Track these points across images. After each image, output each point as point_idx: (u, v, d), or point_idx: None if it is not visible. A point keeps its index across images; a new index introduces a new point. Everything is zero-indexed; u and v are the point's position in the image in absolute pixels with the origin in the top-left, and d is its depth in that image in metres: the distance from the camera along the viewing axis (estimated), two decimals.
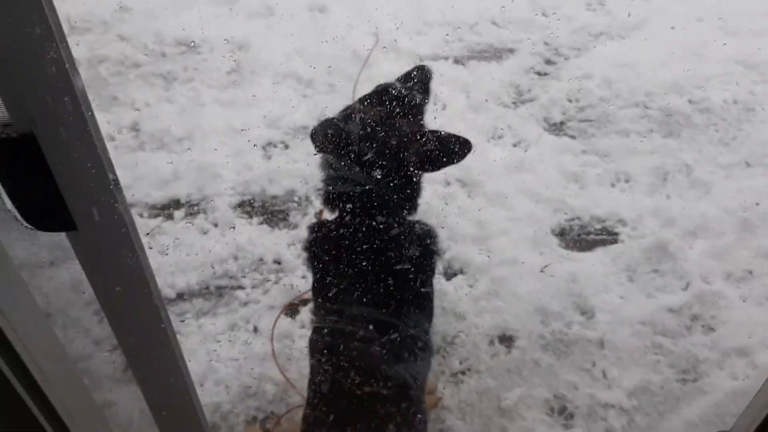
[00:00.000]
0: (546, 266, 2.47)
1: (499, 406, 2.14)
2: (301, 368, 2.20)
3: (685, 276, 2.47)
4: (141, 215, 2.66)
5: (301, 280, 2.45)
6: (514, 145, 2.96)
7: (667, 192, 2.77)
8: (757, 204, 2.63)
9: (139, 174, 2.77)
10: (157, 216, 2.66)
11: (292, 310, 2.39)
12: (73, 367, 1.16)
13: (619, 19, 3.59)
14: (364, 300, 1.60)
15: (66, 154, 0.66)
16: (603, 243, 2.61)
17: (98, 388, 2.16)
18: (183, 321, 2.34)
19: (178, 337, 2.22)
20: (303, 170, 2.83)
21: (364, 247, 1.59)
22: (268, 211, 2.71)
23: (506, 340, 2.31)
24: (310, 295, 2.34)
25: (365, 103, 1.69)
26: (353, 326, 1.59)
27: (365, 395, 1.55)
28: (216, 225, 2.63)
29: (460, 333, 2.33)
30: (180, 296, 2.42)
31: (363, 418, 1.56)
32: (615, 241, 2.61)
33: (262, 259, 2.53)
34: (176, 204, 2.71)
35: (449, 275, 2.48)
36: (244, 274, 2.48)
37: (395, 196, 1.62)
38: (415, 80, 1.76)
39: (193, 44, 3.36)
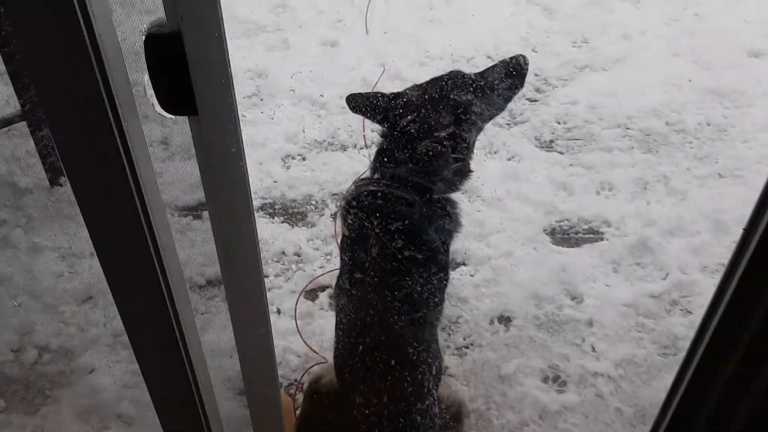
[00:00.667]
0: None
1: (499, 375, 2.38)
2: (321, 341, 2.45)
3: (664, 268, 2.74)
4: (173, 215, 2.93)
5: (318, 269, 2.72)
6: (509, 159, 3.28)
7: (647, 198, 3.07)
8: (728, 209, 2.93)
9: (169, 180, 3.05)
10: (186, 215, 2.94)
11: (311, 294, 2.65)
12: None
13: (602, 55, 3.97)
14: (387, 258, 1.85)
15: (202, 50, 0.94)
16: (590, 240, 2.90)
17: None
18: (212, 301, 2.59)
19: (209, 316, 2.48)
20: (319, 178, 3.13)
21: (397, 209, 1.85)
22: (288, 212, 3.00)
23: (504, 320, 2.57)
24: (325, 279, 2.63)
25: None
26: (376, 277, 1.84)
27: (385, 333, 1.80)
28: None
29: (463, 314, 2.58)
30: (209, 282, 2.68)
31: (384, 355, 1.80)
32: (601, 239, 2.90)
33: (283, 252, 2.79)
34: (204, 206, 2.99)
35: (453, 266, 2.75)
36: (268, 264, 2.75)
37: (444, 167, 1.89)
38: (513, 67, 2.05)
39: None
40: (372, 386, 1.78)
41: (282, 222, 2.94)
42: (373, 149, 2.04)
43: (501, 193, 3.04)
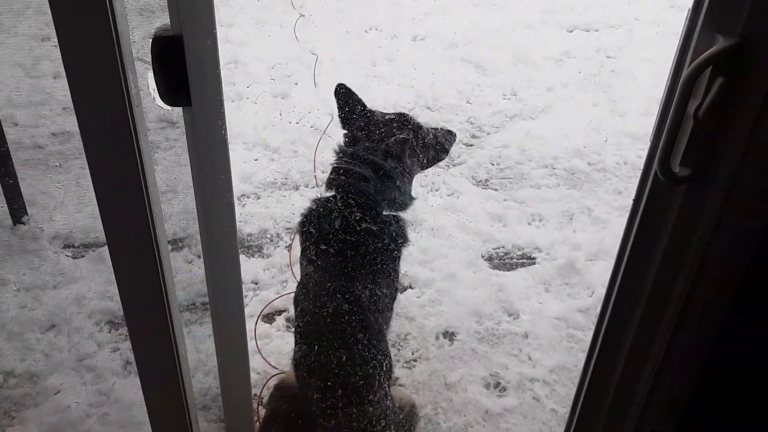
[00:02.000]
0: None
1: (445, 383, 2.58)
2: (279, 359, 2.61)
3: (590, 286, 3.03)
4: None
5: (274, 295, 2.90)
6: (449, 195, 3.56)
7: (573, 227, 3.39)
8: None
9: None
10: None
11: (269, 317, 2.81)
12: None
13: (530, 105, 4.37)
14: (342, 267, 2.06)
15: (198, 50, 1.17)
16: (523, 264, 3.17)
17: (103, 381, 2.50)
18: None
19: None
20: (273, 214, 3.34)
21: (351, 233, 2.06)
22: (245, 245, 3.18)
23: (449, 335, 2.79)
24: (282, 303, 2.81)
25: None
26: (331, 285, 2.04)
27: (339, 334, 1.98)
28: (199, 256, 3.07)
29: (411, 331, 2.79)
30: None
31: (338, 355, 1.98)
32: (533, 263, 3.18)
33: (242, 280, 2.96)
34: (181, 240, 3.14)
35: (401, 289, 2.97)
36: None
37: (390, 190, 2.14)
38: (441, 136, 2.37)
39: (174, 123, 3.91)
40: (327, 373, 1.94)
41: (239, 254, 3.11)
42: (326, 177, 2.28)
43: (443, 224, 3.31)
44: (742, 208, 1.07)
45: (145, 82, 1.23)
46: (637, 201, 1.20)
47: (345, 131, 2.26)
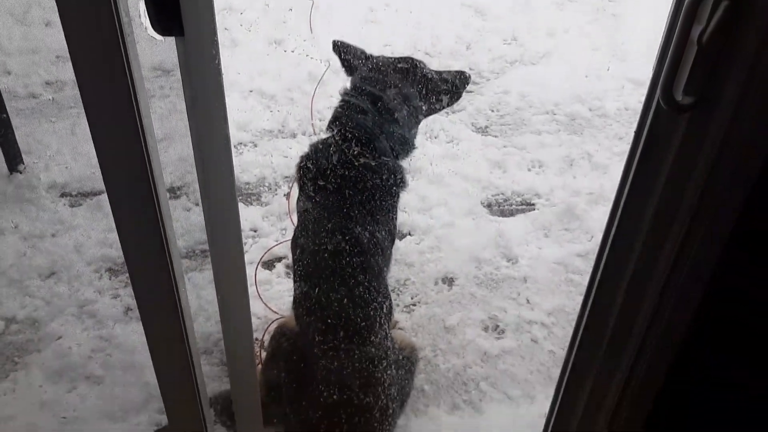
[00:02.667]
0: None
1: (444, 327, 2.60)
2: (279, 305, 2.62)
3: (590, 231, 3.03)
4: None
5: (273, 242, 2.90)
6: (448, 142, 3.54)
7: (573, 173, 3.37)
8: None
9: None
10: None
11: (268, 264, 2.82)
12: None
13: (530, 50, 4.30)
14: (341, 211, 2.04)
15: None
16: (523, 210, 3.17)
17: (104, 326, 2.51)
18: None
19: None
20: (271, 162, 3.32)
21: (349, 168, 2.04)
22: (243, 193, 3.17)
23: (448, 280, 2.80)
24: (281, 250, 2.81)
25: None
26: (330, 224, 2.03)
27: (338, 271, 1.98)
28: (197, 204, 3.06)
29: (410, 277, 2.80)
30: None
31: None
32: (533, 209, 3.17)
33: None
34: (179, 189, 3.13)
35: (401, 236, 2.97)
36: None
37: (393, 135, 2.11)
38: (452, 78, 2.30)
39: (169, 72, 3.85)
40: (328, 312, 1.95)
41: (238, 202, 3.10)
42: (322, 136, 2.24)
43: (442, 172, 3.29)
44: (744, 137, 1.05)
45: (137, 12, 1.19)
46: (638, 132, 1.18)
47: (350, 78, 2.24)
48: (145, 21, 1.19)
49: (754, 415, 1.64)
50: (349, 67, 2.23)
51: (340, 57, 2.23)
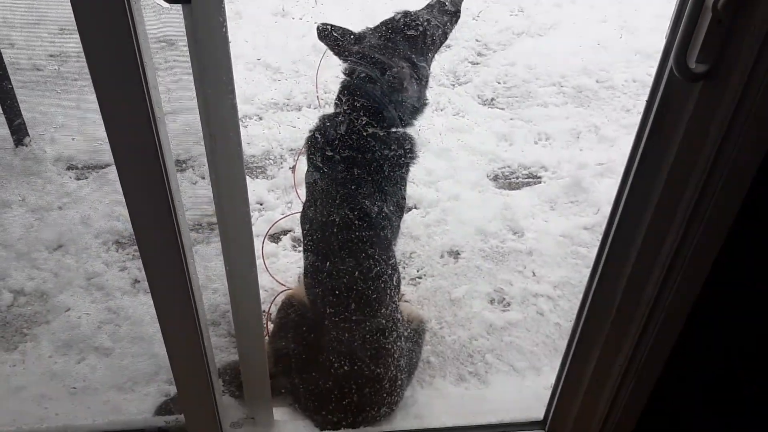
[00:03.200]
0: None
1: (450, 299, 2.61)
2: (285, 277, 2.63)
3: (596, 204, 3.02)
4: None
5: (279, 215, 2.90)
6: (454, 115, 3.52)
7: (580, 146, 3.35)
8: None
9: None
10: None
11: (275, 237, 2.83)
12: None
13: (537, 22, 4.25)
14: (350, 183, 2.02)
15: None
16: (529, 183, 3.16)
17: (112, 298, 2.53)
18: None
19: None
20: (276, 136, 3.31)
21: (357, 139, 2.00)
22: (248, 166, 3.16)
23: (454, 253, 2.80)
24: (287, 223, 2.81)
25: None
26: (339, 196, 2.01)
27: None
28: (203, 177, 3.06)
29: (416, 250, 2.80)
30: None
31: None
32: (539, 182, 3.16)
33: None
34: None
35: (407, 210, 2.96)
36: None
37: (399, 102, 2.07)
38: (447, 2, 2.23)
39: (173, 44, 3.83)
40: (338, 283, 1.95)
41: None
42: (328, 109, 2.20)
43: (448, 144, 3.27)
44: (758, 105, 1.04)
45: None
46: (650, 101, 1.17)
47: (343, 62, 2.17)
48: None
49: (758, 385, 1.65)
50: (339, 52, 2.13)
51: (328, 43, 2.12)
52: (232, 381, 2.04)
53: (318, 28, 2.09)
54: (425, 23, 2.13)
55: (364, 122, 2.01)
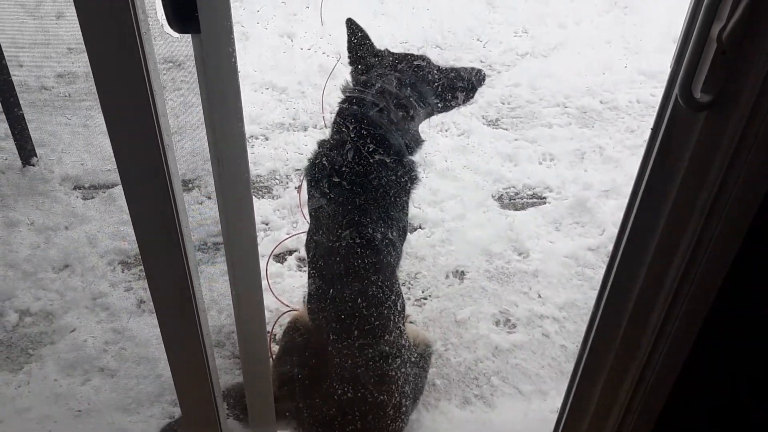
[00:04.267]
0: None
1: (455, 320, 2.61)
2: (289, 297, 2.63)
3: (601, 225, 3.02)
4: None
5: (284, 235, 2.91)
6: (459, 135, 3.53)
7: (585, 167, 3.36)
8: None
9: None
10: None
11: (280, 257, 2.83)
12: None
13: (542, 43, 4.28)
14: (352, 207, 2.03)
15: None
16: (534, 204, 3.16)
17: (117, 319, 2.53)
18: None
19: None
20: (282, 156, 3.32)
21: (362, 165, 2.00)
22: (254, 186, 3.18)
23: (459, 274, 2.80)
24: (292, 243, 2.82)
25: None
26: (343, 222, 2.02)
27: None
28: (209, 197, 3.08)
29: (421, 270, 2.80)
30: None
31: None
32: (543, 203, 3.17)
33: None
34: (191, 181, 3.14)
35: (411, 230, 2.97)
36: None
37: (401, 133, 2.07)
38: (466, 75, 2.23)
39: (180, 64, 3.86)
40: (342, 309, 1.95)
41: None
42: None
43: (453, 165, 3.28)
44: (762, 136, 1.04)
45: (153, 7, 1.20)
46: (655, 129, 1.17)
47: (352, 68, 2.20)
48: (162, 18, 1.19)
49: (765, 411, 1.64)
50: (354, 54, 2.15)
51: (349, 35, 2.14)
52: (237, 404, 2.03)
53: (348, 19, 2.11)
54: (445, 76, 2.14)
55: (361, 149, 2.02)
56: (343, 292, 1.97)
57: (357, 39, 2.14)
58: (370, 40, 2.16)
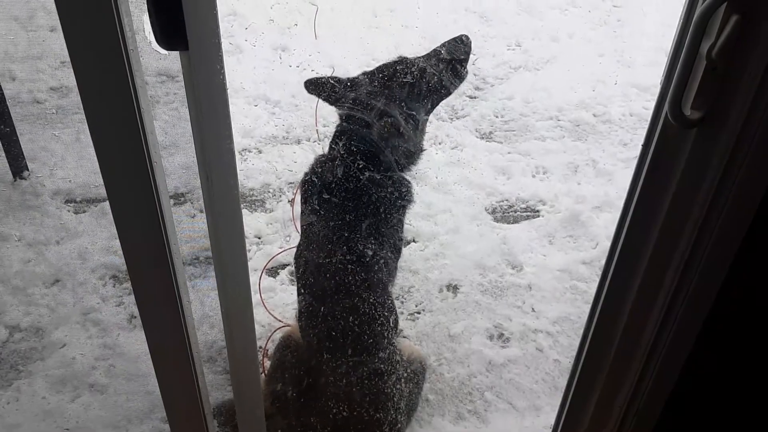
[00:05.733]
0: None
1: (448, 335, 2.59)
2: (283, 312, 2.61)
3: (594, 238, 3.01)
4: None
5: (277, 249, 2.89)
6: (452, 148, 3.53)
7: (578, 180, 3.36)
8: None
9: None
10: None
11: (272, 271, 2.81)
12: None
13: (535, 56, 4.29)
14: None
15: None
16: (527, 217, 3.16)
17: (108, 334, 2.51)
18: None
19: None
20: (275, 169, 3.31)
21: (353, 182, 1.99)
22: (247, 199, 3.17)
23: (452, 287, 2.79)
24: (285, 257, 2.81)
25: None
26: (335, 239, 2.01)
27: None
28: (202, 211, 3.06)
29: (414, 284, 2.79)
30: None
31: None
32: (537, 216, 3.16)
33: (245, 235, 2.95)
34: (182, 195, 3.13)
35: (405, 243, 2.95)
36: None
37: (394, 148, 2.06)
38: (456, 47, 2.15)
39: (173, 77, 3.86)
40: (333, 327, 1.94)
41: (242, 208, 3.10)
42: (326, 142, 2.20)
43: (446, 178, 3.28)
44: (752, 152, 1.04)
45: (141, 24, 1.19)
46: (646, 146, 1.17)
47: (338, 110, 2.12)
48: (150, 35, 1.19)
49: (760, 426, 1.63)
50: (332, 101, 2.08)
51: (318, 96, 2.08)
52: (228, 421, 2.01)
53: (305, 84, 2.06)
54: (421, 72, 2.11)
55: (359, 166, 2.01)
56: (335, 309, 1.96)
57: (325, 90, 2.06)
58: (335, 78, 2.09)
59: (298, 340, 2.10)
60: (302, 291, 2.06)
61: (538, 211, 3.19)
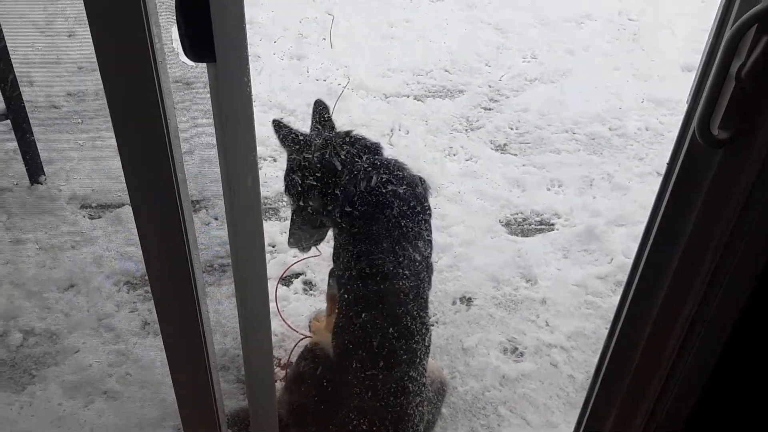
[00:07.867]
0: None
1: (462, 348, 2.58)
2: (296, 321, 2.61)
3: (610, 253, 3.00)
4: None
5: (292, 258, 2.90)
6: (467, 160, 3.53)
7: (593, 194, 3.34)
8: None
9: None
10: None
11: (287, 280, 2.82)
12: None
13: (550, 68, 4.29)
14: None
15: (222, 2, 1.14)
16: (542, 230, 3.15)
17: (122, 340, 2.51)
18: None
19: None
20: None
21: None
22: (262, 208, 3.17)
23: (466, 300, 2.78)
24: (300, 267, 2.81)
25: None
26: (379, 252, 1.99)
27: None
28: (216, 219, 3.07)
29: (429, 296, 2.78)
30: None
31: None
32: (552, 229, 3.15)
33: None
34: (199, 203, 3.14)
35: None
36: None
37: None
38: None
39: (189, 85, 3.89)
40: (373, 343, 1.92)
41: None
42: None
43: (460, 189, 3.27)
44: None
45: (168, 36, 1.20)
46: (671, 164, 1.16)
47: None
48: (177, 47, 1.19)
49: None
50: (289, 146, 2.23)
51: (276, 135, 2.23)
52: (241, 430, 2.01)
53: (272, 122, 2.23)
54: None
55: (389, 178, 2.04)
56: (375, 324, 1.93)
57: (284, 136, 2.20)
58: (296, 132, 2.22)
59: (324, 351, 2.09)
60: (343, 303, 2.02)
61: (552, 224, 3.18)
